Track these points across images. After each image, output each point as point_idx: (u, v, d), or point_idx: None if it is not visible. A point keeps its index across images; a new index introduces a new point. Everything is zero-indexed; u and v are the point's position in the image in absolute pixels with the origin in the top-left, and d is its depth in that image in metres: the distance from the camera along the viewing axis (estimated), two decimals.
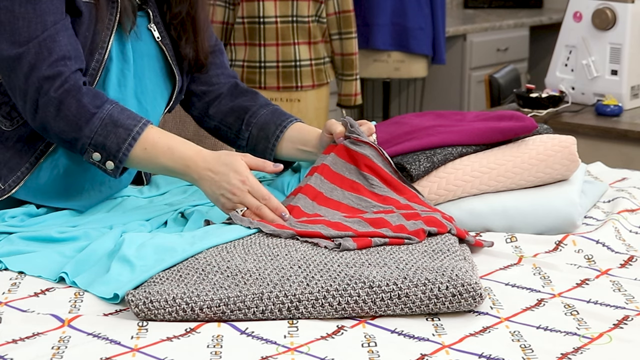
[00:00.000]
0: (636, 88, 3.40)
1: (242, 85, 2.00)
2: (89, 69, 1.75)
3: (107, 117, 1.67)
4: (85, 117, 1.67)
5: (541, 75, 4.63)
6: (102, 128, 1.67)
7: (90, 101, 1.68)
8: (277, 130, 1.89)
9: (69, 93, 1.68)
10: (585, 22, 3.40)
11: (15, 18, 1.67)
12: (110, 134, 1.67)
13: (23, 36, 1.67)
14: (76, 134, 1.68)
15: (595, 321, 1.36)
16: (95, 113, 1.67)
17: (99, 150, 1.68)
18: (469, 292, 1.37)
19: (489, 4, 5.98)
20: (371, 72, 4.73)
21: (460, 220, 1.73)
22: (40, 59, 1.67)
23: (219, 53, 1.99)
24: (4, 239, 1.67)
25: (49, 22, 1.68)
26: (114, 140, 1.67)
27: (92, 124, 1.67)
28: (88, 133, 1.67)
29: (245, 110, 1.94)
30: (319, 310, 1.38)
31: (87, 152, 1.69)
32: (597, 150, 3.13)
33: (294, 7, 3.55)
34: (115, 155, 1.68)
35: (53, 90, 1.67)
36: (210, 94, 1.98)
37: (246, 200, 1.65)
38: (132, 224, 1.72)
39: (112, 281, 1.47)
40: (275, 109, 1.94)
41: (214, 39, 1.98)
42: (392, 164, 1.75)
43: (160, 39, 1.85)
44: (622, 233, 1.72)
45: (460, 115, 1.97)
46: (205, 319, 1.37)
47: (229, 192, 1.66)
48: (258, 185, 1.66)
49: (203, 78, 1.97)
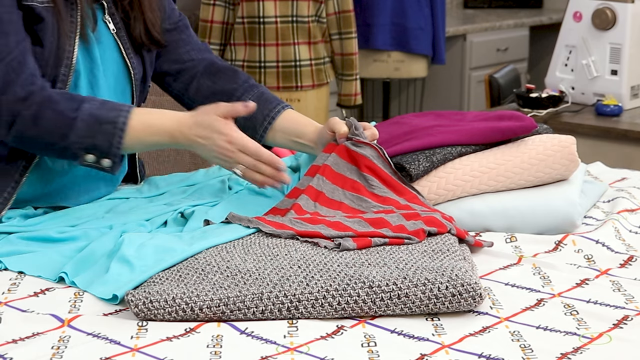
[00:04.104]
0: (636, 88, 3.40)
1: (219, 62, 1.97)
2: (59, 75, 1.72)
3: (88, 117, 1.65)
4: (66, 124, 1.65)
5: (541, 75, 4.63)
6: (87, 129, 1.65)
7: (66, 106, 1.65)
8: (265, 121, 1.88)
9: (42, 105, 1.65)
10: (585, 22, 3.40)
11: None
12: (97, 133, 1.65)
13: None
14: (63, 143, 1.66)
15: (595, 321, 1.36)
16: (75, 117, 1.65)
17: (90, 152, 1.66)
18: (468, 292, 1.37)
19: (489, 4, 5.98)
20: (371, 72, 4.73)
21: (460, 220, 1.73)
22: (8, 81, 1.64)
23: (184, 28, 1.96)
24: (3, 239, 1.67)
25: (12, 43, 1.65)
26: (103, 138, 1.65)
27: (75, 128, 1.65)
28: (75, 138, 1.65)
29: (228, 95, 1.91)
30: (319, 310, 1.38)
31: (79, 156, 1.67)
32: (597, 150, 3.13)
33: (294, 7, 3.55)
34: (108, 152, 1.66)
35: (25, 109, 1.64)
36: (186, 72, 1.95)
37: (240, 159, 1.66)
38: (131, 224, 1.72)
39: (111, 281, 1.47)
40: (261, 93, 1.91)
41: (176, 15, 1.95)
42: (392, 165, 1.75)
43: (115, 31, 1.82)
44: (622, 233, 1.72)
45: (460, 115, 1.97)
46: (205, 319, 1.37)
47: (221, 155, 1.67)
48: (244, 141, 1.66)
49: (172, 56, 1.94)
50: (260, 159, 1.66)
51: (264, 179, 1.68)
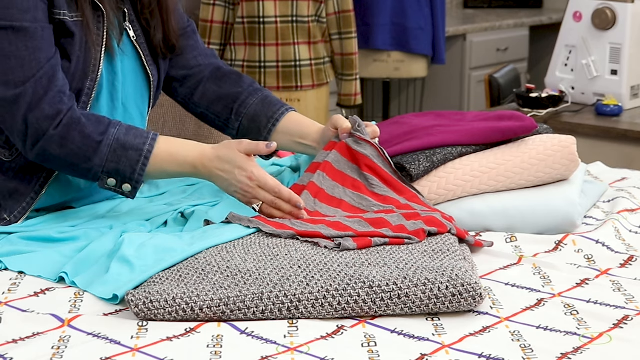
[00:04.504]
0: (636, 88, 3.40)
1: (224, 67, 1.97)
2: (84, 89, 1.72)
3: (114, 142, 1.65)
4: (92, 147, 1.65)
5: (541, 75, 4.63)
6: (112, 154, 1.65)
7: (93, 130, 1.65)
8: (269, 123, 1.88)
9: (70, 127, 1.64)
10: (585, 22, 3.40)
11: (7, 57, 1.62)
12: (122, 158, 1.65)
13: (17, 76, 1.63)
14: (86, 165, 1.65)
15: (595, 321, 1.36)
16: (101, 141, 1.65)
17: (113, 176, 1.66)
18: (469, 292, 1.37)
19: (489, 4, 5.98)
20: (371, 72, 4.73)
21: (460, 220, 1.73)
22: (37, 98, 1.63)
23: (192, 34, 1.96)
24: (4, 239, 1.67)
25: (42, 59, 1.64)
26: (127, 164, 1.65)
27: (100, 152, 1.65)
28: (99, 162, 1.65)
29: (233, 99, 1.92)
30: (319, 310, 1.38)
31: (100, 179, 1.67)
32: (597, 150, 3.13)
33: (294, 7, 3.55)
34: (130, 177, 1.66)
35: (53, 128, 1.64)
36: (192, 78, 1.95)
37: (259, 196, 1.66)
38: (131, 224, 1.72)
39: (111, 281, 1.47)
40: (265, 96, 1.92)
41: (185, 20, 1.95)
42: (392, 164, 1.75)
43: (135, 38, 1.82)
44: (622, 233, 1.72)
45: (460, 115, 1.97)
46: (205, 319, 1.37)
47: (240, 190, 1.66)
48: (265, 178, 1.65)
49: (181, 62, 1.94)
50: (280, 196, 1.65)
51: (282, 216, 1.66)
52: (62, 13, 1.68)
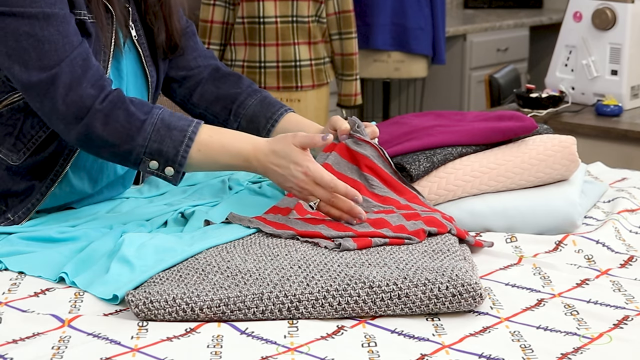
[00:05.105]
0: (636, 88, 3.40)
1: (223, 68, 1.97)
2: None
3: (158, 122, 1.62)
4: (136, 125, 1.61)
5: (541, 75, 4.63)
6: (155, 133, 1.61)
7: (138, 109, 1.62)
8: (268, 124, 1.88)
9: (115, 104, 1.62)
10: (585, 22, 3.40)
11: (40, 42, 1.61)
12: (165, 138, 1.61)
13: (52, 59, 1.61)
14: (129, 145, 1.62)
15: (595, 321, 1.36)
16: (145, 119, 1.61)
17: (155, 158, 1.62)
18: (469, 292, 1.37)
19: (489, 4, 5.98)
20: (371, 72, 4.73)
21: (460, 220, 1.73)
22: (76, 77, 1.61)
23: (192, 35, 1.96)
24: (4, 239, 1.67)
25: (75, 41, 1.63)
26: (170, 144, 1.61)
27: (144, 131, 1.61)
28: (141, 141, 1.61)
29: (232, 100, 1.92)
30: (319, 310, 1.38)
31: (142, 162, 1.63)
32: (597, 150, 3.13)
33: (294, 7, 3.55)
34: (173, 159, 1.62)
35: (98, 103, 1.61)
36: (191, 79, 1.94)
37: (316, 192, 1.61)
38: (131, 224, 1.72)
39: (111, 281, 1.47)
40: (263, 97, 1.92)
41: (184, 21, 1.95)
42: (392, 165, 1.75)
43: (136, 38, 1.81)
44: (622, 233, 1.72)
45: (460, 115, 1.97)
46: (205, 319, 1.37)
47: (296, 186, 1.62)
48: (321, 174, 1.61)
49: (180, 63, 1.94)
50: (337, 191, 1.61)
51: (340, 215, 1.62)
52: (82, 13, 1.68)
